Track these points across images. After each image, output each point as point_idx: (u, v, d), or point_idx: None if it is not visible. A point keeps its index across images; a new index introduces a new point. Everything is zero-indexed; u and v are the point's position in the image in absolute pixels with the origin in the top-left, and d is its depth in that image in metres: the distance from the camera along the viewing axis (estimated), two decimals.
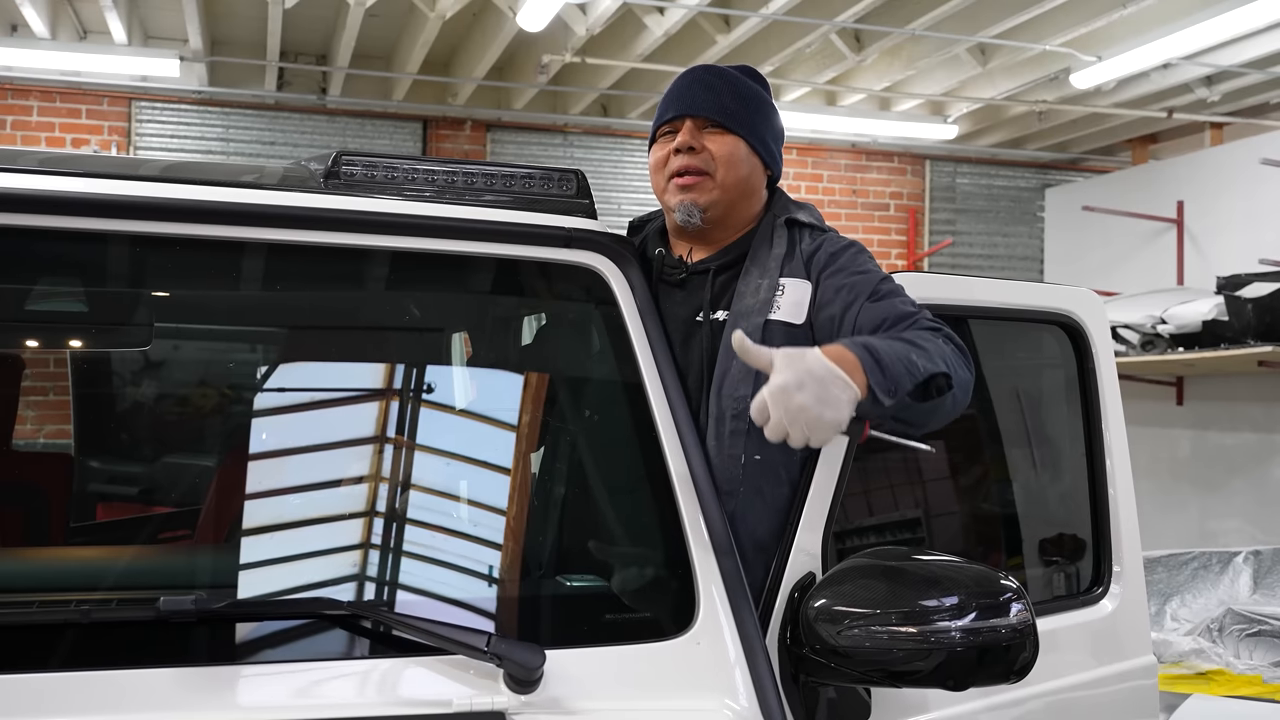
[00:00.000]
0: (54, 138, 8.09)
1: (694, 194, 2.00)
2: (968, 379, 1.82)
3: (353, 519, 1.77)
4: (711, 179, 2.01)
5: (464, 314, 2.17)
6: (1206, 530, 7.43)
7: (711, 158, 2.01)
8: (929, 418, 1.81)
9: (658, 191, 2.08)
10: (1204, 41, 6.61)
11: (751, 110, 2.06)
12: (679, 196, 2.01)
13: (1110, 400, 2.43)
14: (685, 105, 2.05)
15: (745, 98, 2.07)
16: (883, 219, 9.80)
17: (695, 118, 2.03)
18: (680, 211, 2.01)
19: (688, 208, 2.00)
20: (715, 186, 2.01)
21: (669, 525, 1.76)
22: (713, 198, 2.01)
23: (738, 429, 1.87)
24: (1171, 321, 6.78)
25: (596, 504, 1.93)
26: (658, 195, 2.09)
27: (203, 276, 1.84)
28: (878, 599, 1.65)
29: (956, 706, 1.93)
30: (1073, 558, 2.46)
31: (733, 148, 2.02)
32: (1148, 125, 9.07)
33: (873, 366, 1.65)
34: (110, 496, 2.30)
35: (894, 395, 1.67)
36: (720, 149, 2.02)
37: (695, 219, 2.01)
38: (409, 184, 1.88)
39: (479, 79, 7.94)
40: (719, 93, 2.05)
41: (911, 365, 1.71)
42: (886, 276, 1.94)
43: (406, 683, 1.55)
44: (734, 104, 2.05)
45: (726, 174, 2.01)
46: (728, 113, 2.04)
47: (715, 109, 2.03)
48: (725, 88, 2.06)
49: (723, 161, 2.01)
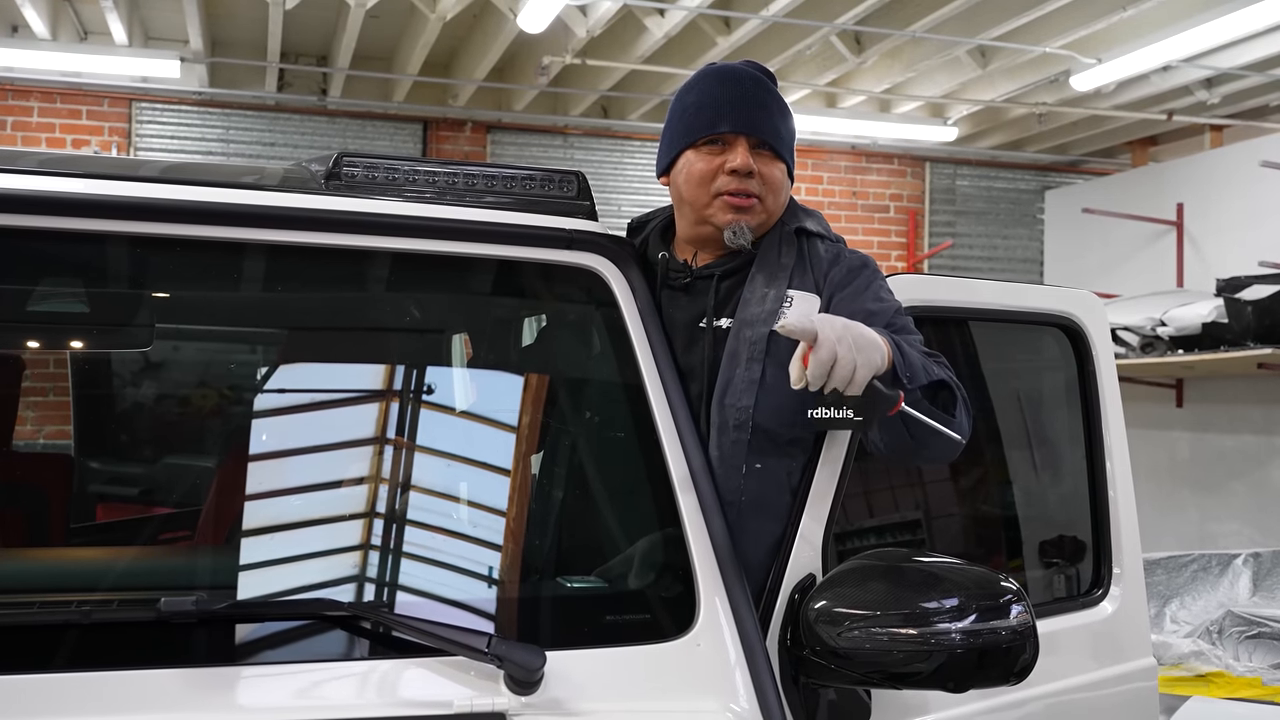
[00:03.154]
0: (54, 138, 8.10)
1: (746, 216, 1.97)
2: (966, 426, 1.83)
3: (353, 520, 1.77)
4: (762, 203, 1.98)
5: (465, 315, 2.17)
6: (1206, 532, 7.43)
7: (763, 182, 1.98)
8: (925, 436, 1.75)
9: (695, 203, 2.00)
10: (1204, 44, 6.62)
11: (790, 130, 2.04)
12: (731, 216, 1.97)
13: (1110, 402, 2.43)
14: (743, 123, 1.97)
15: (786, 114, 2.04)
16: (883, 221, 9.80)
17: (750, 137, 1.98)
18: (731, 232, 1.97)
19: (740, 229, 1.97)
20: (763, 210, 1.99)
21: (669, 526, 1.76)
22: (760, 220, 1.99)
23: (739, 439, 1.86)
24: (1171, 324, 6.78)
25: (597, 505, 1.93)
26: (694, 205, 2.00)
27: (203, 278, 1.84)
28: (878, 601, 1.65)
29: (957, 708, 1.93)
30: (1073, 560, 2.46)
31: (781, 175, 2.01)
32: (1147, 128, 9.07)
33: (894, 348, 1.71)
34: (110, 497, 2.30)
35: (911, 382, 1.71)
36: (771, 175, 1.99)
37: (744, 240, 1.97)
38: (409, 185, 1.88)
39: (479, 80, 7.94)
40: (772, 112, 2.00)
41: (927, 366, 1.77)
42: (899, 309, 1.93)
43: (407, 684, 1.55)
44: (784, 126, 2.02)
45: (774, 201, 2.00)
46: (780, 138, 2.00)
47: (772, 133, 1.99)
48: (775, 105, 2.01)
49: (772, 188, 1.99)
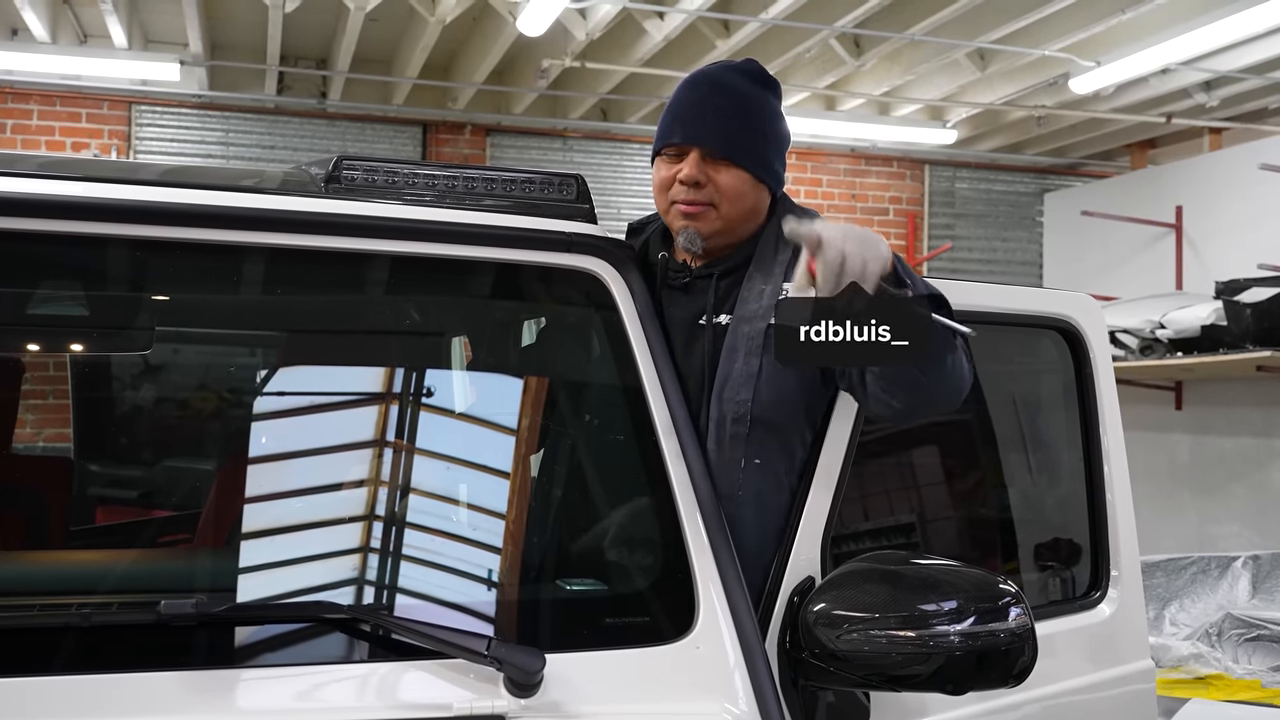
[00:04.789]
0: (54, 141, 8.10)
1: (697, 223, 1.99)
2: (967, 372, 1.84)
3: (353, 523, 1.77)
4: (715, 210, 1.98)
5: (464, 319, 2.17)
6: (1205, 535, 7.43)
7: (716, 190, 1.98)
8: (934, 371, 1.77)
9: (660, 210, 2.06)
10: (1203, 47, 6.63)
11: (758, 135, 2.01)
12: (682, 223, 2.00)
13: (1108, 405, 2.43)
14: (692, 133, 1.99)
15: (753, 119, 2.01)
16: (882, 223, 9.80)
17: (701, 148, 1.98)
18: (683, 238, 2.00)
19: (690, 235, 1.99)
20: (718, 218, 1.99)
21: (669, 529, 1.76)
22: (715, 227, 1.99)
23: (738, 433, 1.87)
24: (1170, 326, 6.78)
25: (596, 508, 1.93)
26: (660, 212, 2.07)
27: (203, 281, 1.84)
28: (877, 603, 1.65)
29: (955, 711, 1.93)
30: (1071, 562, 2.46)
31: (738, 182, 1.99)
32: (1146, 130, 9.08)
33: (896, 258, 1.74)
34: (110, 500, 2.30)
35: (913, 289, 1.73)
36: (726, 182, 1.98)
37: (696, 246, 2.00)
38: (409, 189, 1.88)
39: (479, 83, 7.95)
40: (727, 117, 1.99)
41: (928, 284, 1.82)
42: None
43: (406, 686, 1.55)
44: (741, 132, 1.99)
45: (730, 208, 1.99)
46: (734, 144, 1.98)
47: (723, 141, 1.98)
48: (734, 110, 2.00)
49: (726, 195, 1.98)
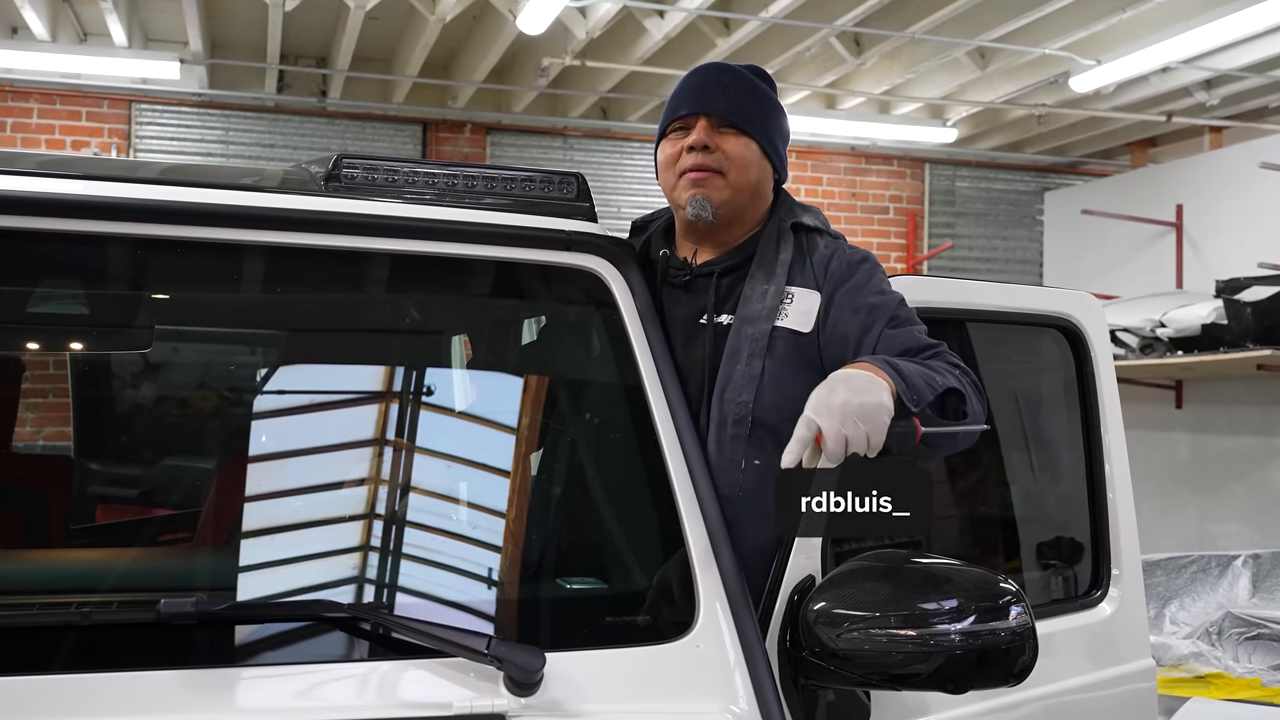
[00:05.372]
0: (54, 140, 8.09)
1: (706, 189, 1.98)
2: (981, 411, 1.82)
3: (353, 521, 1.77)
4: (724, 178, 1.98)
5: (464, 317, 2.17)
6: (1205, 534, 7.43)
7: (725, 157, 1.99)
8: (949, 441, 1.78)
9: (666, 189, 2.05)
10: (1203, 45, 6.62)
11: (765, 111, 2.04)
12: (690, 191, 1.99)
13: (1109, 404, 2.43)
14: (700, 103, 2.01)
15: (759, 97, 2.04)
16: (882, 222, 9.80)
17: (710, 116, 2.00)
18: (692, 206, 1.98)
19: (699, 202, 1.98)
20: (727, 186, 1.99)
21: (669, 528, 1.76)
22: (725, 196, 1.99)
23: (738, 434, 1.87)
24: (1170, 325, 6.78)
25: (596, 507, 1.93)
26: (666, 193, 2.06)
27: (203, 280, 1.84)
28: (877, 602, 1.65)
29: (956, 709, 1.93)
30: (1071, 561, 2.46)
31: (746, 149, 2.00)
32: (1147, 129, 9.08)
33: (894, 375, 1.67)
34: (110, 499, 2.30)
35: (918, 405, 1.68)
36: (734, 149, 1.99)
37: (708, 213, 1.98)
38: (409, 187, 1.88)
39: (479, 82, 7.95)
40: (734, 91, 2.02)
41: (929, 379, 1.73)
42: (902, 300, 1.94)
43: (406, 685, 1.55)
44: (748, 104, 2.02)
45: (739, 175, 1.99)
46: (742, 113, 2.01)
47: (730, 109, 2.00)
48: (740, 86, 2.03)
49: (736, 162, 1.99)
